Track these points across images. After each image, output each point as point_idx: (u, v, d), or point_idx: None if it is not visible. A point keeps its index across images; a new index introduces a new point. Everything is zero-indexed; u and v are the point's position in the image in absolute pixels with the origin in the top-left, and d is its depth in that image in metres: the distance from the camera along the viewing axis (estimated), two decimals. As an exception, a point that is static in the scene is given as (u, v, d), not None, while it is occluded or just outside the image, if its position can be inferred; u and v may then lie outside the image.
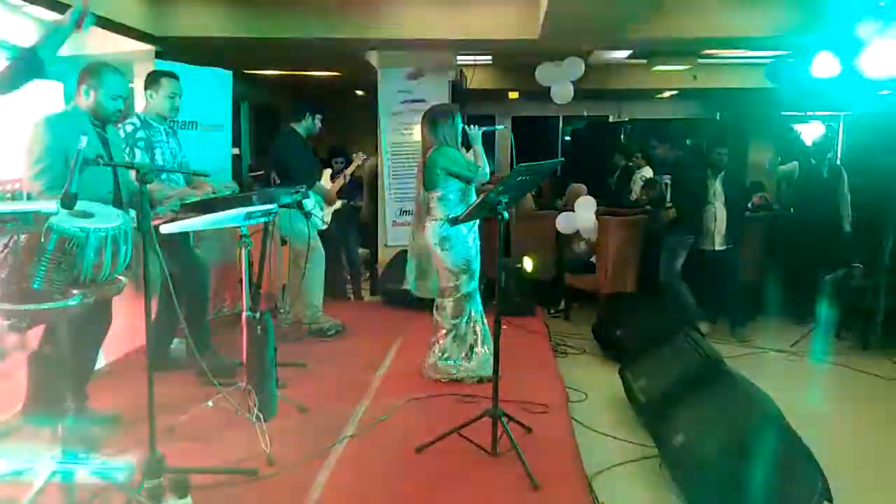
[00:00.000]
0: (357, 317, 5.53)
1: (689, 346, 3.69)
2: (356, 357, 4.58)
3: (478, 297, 4.09)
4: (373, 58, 6.73)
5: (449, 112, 4.04)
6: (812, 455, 2.61)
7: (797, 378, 4.70)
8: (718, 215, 5.37)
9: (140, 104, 4.06)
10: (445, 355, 4.07)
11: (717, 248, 5.40)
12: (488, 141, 4.13)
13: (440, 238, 3.94)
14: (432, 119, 3.99)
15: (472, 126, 3.99)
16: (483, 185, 4.04)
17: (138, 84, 4.64)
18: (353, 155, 6.05)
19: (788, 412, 2.83)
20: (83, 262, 2.28)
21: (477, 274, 4.06)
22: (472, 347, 4.07)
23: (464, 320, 4.04)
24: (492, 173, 4.17)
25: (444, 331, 4.07)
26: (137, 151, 3.69)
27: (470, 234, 4.00)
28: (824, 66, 5.77)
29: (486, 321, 4.11)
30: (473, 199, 3.92)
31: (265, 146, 8.30)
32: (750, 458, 2.56)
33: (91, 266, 2.31)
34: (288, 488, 2.78)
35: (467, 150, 4.12)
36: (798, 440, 2.66)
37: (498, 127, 4.28)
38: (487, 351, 4.03)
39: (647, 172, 8.64)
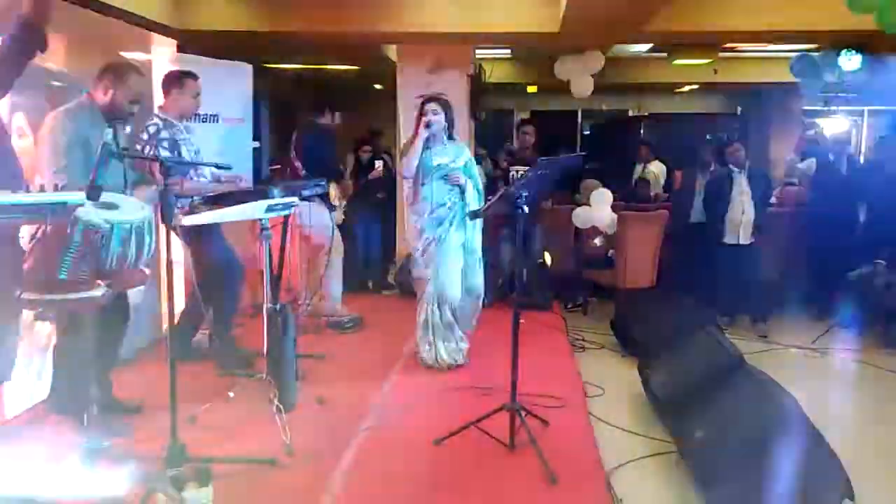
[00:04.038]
0: (375, 309, 5.56)
1: (709, 342, 3.66)
2: (374, 349, 4.61)
3: (431, 290, 4.11)
4: (391, 52, 6.72)
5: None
6: (834, 453, 2.58)
7: (819, 375, 4.64)
8: (746, 210, 5.34)
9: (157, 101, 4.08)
10: (417, 344, 4.23)
11: (742, 242, 5.37)
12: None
13: None
14: None
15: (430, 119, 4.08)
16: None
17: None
18: (375, 162, 6.17)
19: (810, 409, 2.81)
20: (108, 253, 2.31)
21: (422, 264, 4.12)
22: (423, 337, 4.18)
23: (426, 307, 4.13)
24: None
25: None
26: (162, 151, 3.70)
27: (421, 224, 4.09)
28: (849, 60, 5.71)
29: (445, 318, 4.14)
30: (425, 190, 4.07)
31: (285, 140, 8.35)
32: (771, 456, 2.54)
33: (116, 257, 2.34)
34: (307, 478, 2.80)
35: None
36: (820, 438, 2.63)
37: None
38: (440, 346, 4.15)
39: (656, 167, 8.56)
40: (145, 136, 3.68)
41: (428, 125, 4.02)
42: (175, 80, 3.91)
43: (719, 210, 5.48)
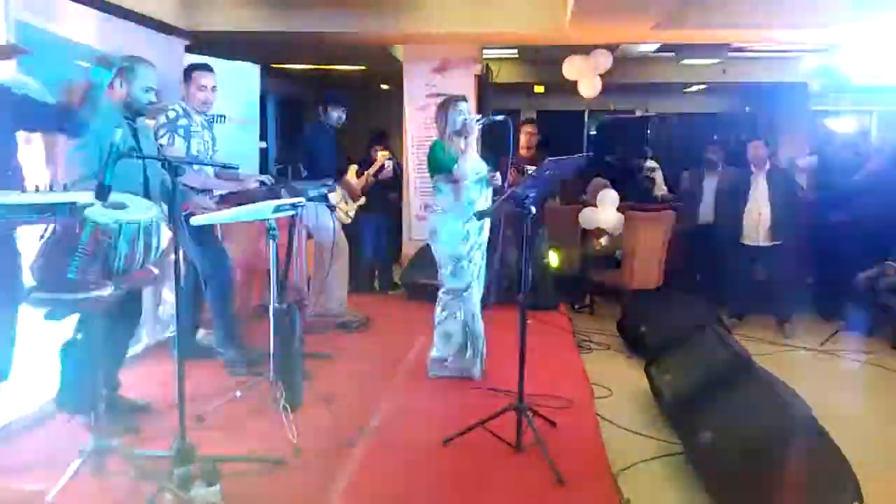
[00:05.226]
0: (381, 310, 5.57)
1: (717, 342, 3.64)
2: (380, 349, 4.61)
3: (471, 297, 3.93)
4: (398, 52, 6.72)
5: (447, 102, 3.93)
6: (843, 455, 2.57)
7: (828, 377, 4.62)
8: (763, 210, 5.30)
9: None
10: (433, 351, 4.03)
11: (763, 243, 5.35)
12: (499, 132, 3.95)
13: (430, 230, 3.94)
14: (437, 110, 3.97)
15: (475, 117, 3.91)
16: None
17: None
18: (379, 154, 6.07)
19: (819, 411, 2.79)
20: (116, 253, 2.32)
21: (468, 272, 3.88)
22: (461, 347, 3.97)
23: (452, 318, 3.94)
24: (497, 168, 4.06)
25: (435, 325, 4.02)
26: (177, 138, 3.73)
27: (466, 230, 3.83)
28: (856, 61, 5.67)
29: (480, 324, 3.98)
30: (469, 192, 3.80)
31: (292, 140, 8.37)
32: (779, 458, 2.53)
33: (124, 257, 2.35)
34: (314, 477, 2.81)
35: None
36: (829, 439, 2.62)
37: (497, 117, 3.83)
38: (473, 354, 3.98)
39: (651, 166, 8.56)
40: (164, 120, 3.72)
41: (474, 123, 3.79)
42: (185, 73, 3.96)
43: (734, 210, 5.45)
